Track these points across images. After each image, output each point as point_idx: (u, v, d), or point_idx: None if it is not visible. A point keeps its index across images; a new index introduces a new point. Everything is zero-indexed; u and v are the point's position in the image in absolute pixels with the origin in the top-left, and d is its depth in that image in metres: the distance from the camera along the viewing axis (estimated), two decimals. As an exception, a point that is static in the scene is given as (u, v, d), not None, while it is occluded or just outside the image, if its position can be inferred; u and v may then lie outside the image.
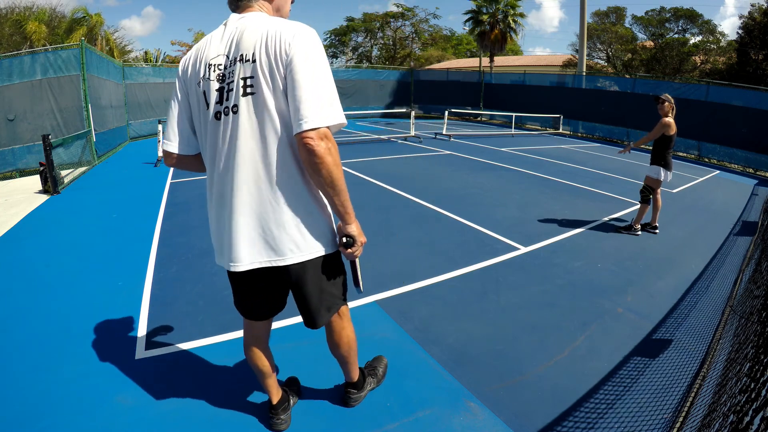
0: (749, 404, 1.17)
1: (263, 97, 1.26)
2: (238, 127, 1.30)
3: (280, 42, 1.24)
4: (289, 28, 1.26)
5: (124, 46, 24.65)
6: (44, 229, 4.43)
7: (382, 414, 1.94)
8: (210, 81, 1.34)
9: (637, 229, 4.68)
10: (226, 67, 1.31)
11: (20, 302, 2.89)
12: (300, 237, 1.39)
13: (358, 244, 1.44)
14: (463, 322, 2.75)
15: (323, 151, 1.22)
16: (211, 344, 2.42)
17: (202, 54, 1.37)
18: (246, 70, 1.27)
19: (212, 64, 1.33)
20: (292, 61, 1.23)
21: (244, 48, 1.27)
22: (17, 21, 17.34)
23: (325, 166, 1.24)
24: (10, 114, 7.15)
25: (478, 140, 12.47)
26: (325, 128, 1.23)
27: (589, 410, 2.00)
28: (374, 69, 20.95)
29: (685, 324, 2.85)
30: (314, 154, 1.22)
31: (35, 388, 2.04)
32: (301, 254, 1.40)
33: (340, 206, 1.35)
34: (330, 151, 1.24)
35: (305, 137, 1.21)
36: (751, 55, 18.54)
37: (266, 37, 1.25)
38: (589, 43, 24.75)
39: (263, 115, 1.28)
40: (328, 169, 1.26)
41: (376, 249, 3.91)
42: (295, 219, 1.37)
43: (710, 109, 12.04)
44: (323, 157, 1.23)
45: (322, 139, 1.22)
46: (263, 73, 1.25)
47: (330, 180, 1.27)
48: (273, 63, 1.24)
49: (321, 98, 1.23)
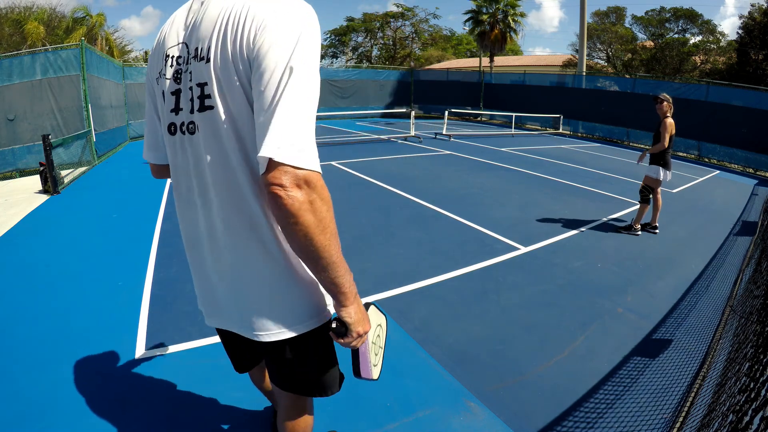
0: (749, 404, 1.17)
1: (220, 115, 0.86)
2: (198, 155, 0.93)
3: (244, 26, 0.80)
4: (263, 3, 0.81)
5: (124, 46, 24.68)
6: (44, 229, 4.43)
7: (383, 414, 1.94)
8: (165, 79, 0.96)
9: (637, 229, 4.69)
10: (183, 61, 0.92)
11: (20, 302, 2.89)
12: (267, 311, 1.00)
13: (353, 334, 0.94)
14: (463, 322, 2.75)
15: (298, 206, 0.76)
16: (211, 344, 2.42)
17: (162, 38, 0.99)
18: (201, 73, 0.87)
19: (169, 54, 0.95)
20: (258, 57, 0.79)
21: (200, 36, 0.87)
22: (17, 21, 17.34)
23: (301, 228, 0.78)
24: (10, 114, 7.15)
25: (478, 140, 12.47)
26: (304, 170, 0.77)
27: (589, 410, 2.00)
28: (374, 69, 20.94)
29: (685, 324, 2.85)
30: (284, 209, 0.76)
31: (35, 387, 2.04)
32: (267, 333, 1.01)
33: (330, 284, 0.88)
34: (312, 205, 0.78)
35: (271, 179, 0.76)
36: (751, 55, 18.55)
37: (226, 20, 0.82)
38: (589, 43, 24.75)
39: (222, 143, 0.88)
40: (307, 234, 0.78)
41: (377, 249, 3.92)
42: (262, 290, 0.98)
43: (710, 109, 12.04)
44: (298, 215, 0.77)
45: (299, 185, 0.76)
46: (219, 79, 0.84)
47: (309, 250, 0.81)
48: (232, 63, 0.82)
49: (299, 122, 0.77)
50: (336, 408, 1.96)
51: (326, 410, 1.93)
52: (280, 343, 1.04)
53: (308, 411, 1.30)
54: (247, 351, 1.31)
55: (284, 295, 0.99)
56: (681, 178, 8.58)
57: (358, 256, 3.74)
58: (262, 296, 0.99)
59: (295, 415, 1.26)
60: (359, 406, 1.99)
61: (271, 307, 0.99)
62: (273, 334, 1.00)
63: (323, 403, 1.98)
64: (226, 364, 2.23)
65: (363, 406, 1.99)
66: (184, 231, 1.09)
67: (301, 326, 1.02)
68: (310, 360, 1.10)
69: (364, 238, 4.18)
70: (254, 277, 0.97)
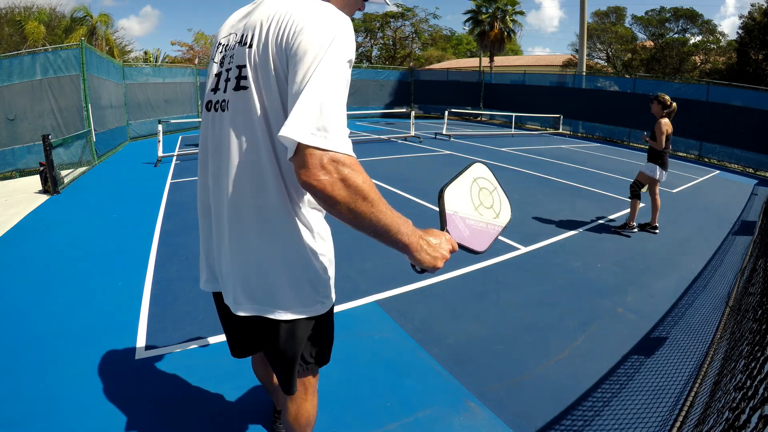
0: (746, 401, 1.17)
1: (253, 96, 0.95)
2: (226, 132, 1.01)
3: (286, 26, 0.89)
4: (307, 10, 0.90)
5: (124, 46, 24.68)
6: (44, 229, 4.43)
7: (383, 414, 1.94)
8: (214, 63, 1.10)
9: (633, 227, 4.66)
10: (230, 48, 1.04)
11: (20, 302, 2.89)
12: (277, 291, 1.06)
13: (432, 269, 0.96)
14: (463, 322, 2.75)
15: (330, 188, 0.79)
16: (211, 344, 2.42)
17: (218, 33, 1.16)
18: (241, 56, 0.98)
19: (221, 43, 1.09)
20: (295, 55, 0.86)
21: (248, 27, 0.98)
22: (17, 21, 17.35)
23: (340, 206, 0.81)
24: (11, 114, 7.15)
25: (478, 140, 12.47)
26: (330, 152, 0.79)
27: (589, 410, 2.00)
28: (374, 69, 20.93)
29: (685, 324, 2.85)
30: (317, 193, 0.80)
31: (35, 387, 2.04)
32: (274, 311, 1.07)
33: (392, 245, 0.91)
34: (345, 182, 0.79)
35: (298, 164, 0.80)
36: (751, 55, 18.57)
37: (272, 17, 0.93)
38: (589, 43, 24.76)
39: (252, 121, 0.96)
40: (349, 210, 0.81)
41: (377, 249, 3.92)
42: (261, 266, 1.04)
43: (710, 109, 12.04)
44: (333, 195, 0.79)
45: (324, 167, 0.78)
46: (256, 63, 0.94)
47: (358, 223, 0.84)
48: (271, 52, 0.91)
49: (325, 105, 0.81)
50: (336, 408, 1.96)
51: (326, 410, 1.93)
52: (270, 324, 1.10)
53: (310, 400, 1.30)
54: (243, 331, 1.32)
55: (280, 276, 1.05)
56: (681, 178, 8.58)
57: (358, 256, 3.74)
58: (259, 272, 1.05)
59: (296, 406, 1.29)
60: (359, 406, 1.99)
61: (266, 284, 1.05)
62: (251, 309, 1.07)
63: (323, 403, 1.98)
64: (227, 364, 2.24)
65: (363, 406, 1.99)
66: (199, 199, 1.18)
67: (288, 312, 1.07)
68: (311, 338, 1.16)
69: (364, 238, 4.17)
70: (254, 252, 1.03)
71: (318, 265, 1.09)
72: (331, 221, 1.12)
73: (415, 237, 0.91)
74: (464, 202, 1.06)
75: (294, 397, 1.26)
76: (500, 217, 1.13)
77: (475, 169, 1.11)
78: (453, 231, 1.02)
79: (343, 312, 2.83)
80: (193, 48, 27.03)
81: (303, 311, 1.09)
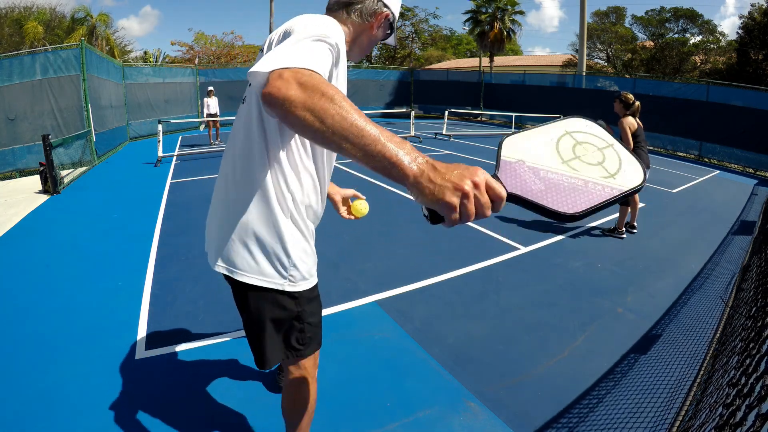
0: (741, 398, 1.17)
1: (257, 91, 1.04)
2: (238, 118, 1.17)
3: (285, 26, 1.02)
4: (307, 15, 1.04)
5: (124, 46, 24.68)
6: (44, 229, 4.43)
7: (382, 414, 1.94)
8: None
9: (622, 231, 4.58)
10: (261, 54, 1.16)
11: (20, 302, 2.89)
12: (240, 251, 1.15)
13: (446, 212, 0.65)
14: (463, 322, 2.75)
15: (284, 90, 0.70)
16: (211, 344, 2.43)
17: None
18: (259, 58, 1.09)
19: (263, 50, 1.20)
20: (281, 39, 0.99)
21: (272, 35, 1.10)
22: (17, 21, 17.36)
23: (297, 108, 0.69)
24: (11, 114, 7.15)
25: (478, 140, 12.47)
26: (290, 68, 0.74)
27: (589, 410, 2.00)
28: (374, 69, 20.93)
29: (685, 324, 2.86)
30: (270, 101, 0.71)
31: (35, 387, 2.04)
32: (246, 275, 1.15)
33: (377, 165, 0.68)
34: (300, 84, 0.70)
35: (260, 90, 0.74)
36: (751, 55, 18.57)
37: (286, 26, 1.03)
38: (589, 43, 24.76)
39: (251, 109, 1.10)
40: (307, 107, 0.68)
41: (377, 249, 3.92)
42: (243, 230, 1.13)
43: (710, 109, 12.03)
44: (287, 96, 0.69)
45: (280, 76, 0.72)
46: None
47: (324, 127, 0.67)
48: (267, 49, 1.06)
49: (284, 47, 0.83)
50: (336, 408, 1.96)
51: (326, 410, 1.93)
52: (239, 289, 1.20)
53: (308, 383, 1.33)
54: None
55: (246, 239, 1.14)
56: (681, 178, 8.58)
57: (358, 256, 3.74)
58: (230, 232, 1.15)
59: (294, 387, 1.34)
60: (359, 406, 1.99)
61: (233, 244, 1.15)
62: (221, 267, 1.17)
63: (323, 403, 1.98)
64: (226, 364, 2.24)
65: (363, 406, 1.99)
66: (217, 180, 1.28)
67: (245, 275, 1.15)
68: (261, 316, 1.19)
69: (364, 238, 4.18)
70: (232, 213, 1.14)
71: (286, 239, 1.14)
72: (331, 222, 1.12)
73: (411, 156, 0.67)
74: (541, 152, 0.79)
75: (291, 376, 1.31)
76: (617, 178, 0.78)
77: (571, 122, 0.85)
78: (509, 179, 0.72)
79: (343, 312, 2.83)
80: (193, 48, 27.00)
81: (262, 280, 1.15)
